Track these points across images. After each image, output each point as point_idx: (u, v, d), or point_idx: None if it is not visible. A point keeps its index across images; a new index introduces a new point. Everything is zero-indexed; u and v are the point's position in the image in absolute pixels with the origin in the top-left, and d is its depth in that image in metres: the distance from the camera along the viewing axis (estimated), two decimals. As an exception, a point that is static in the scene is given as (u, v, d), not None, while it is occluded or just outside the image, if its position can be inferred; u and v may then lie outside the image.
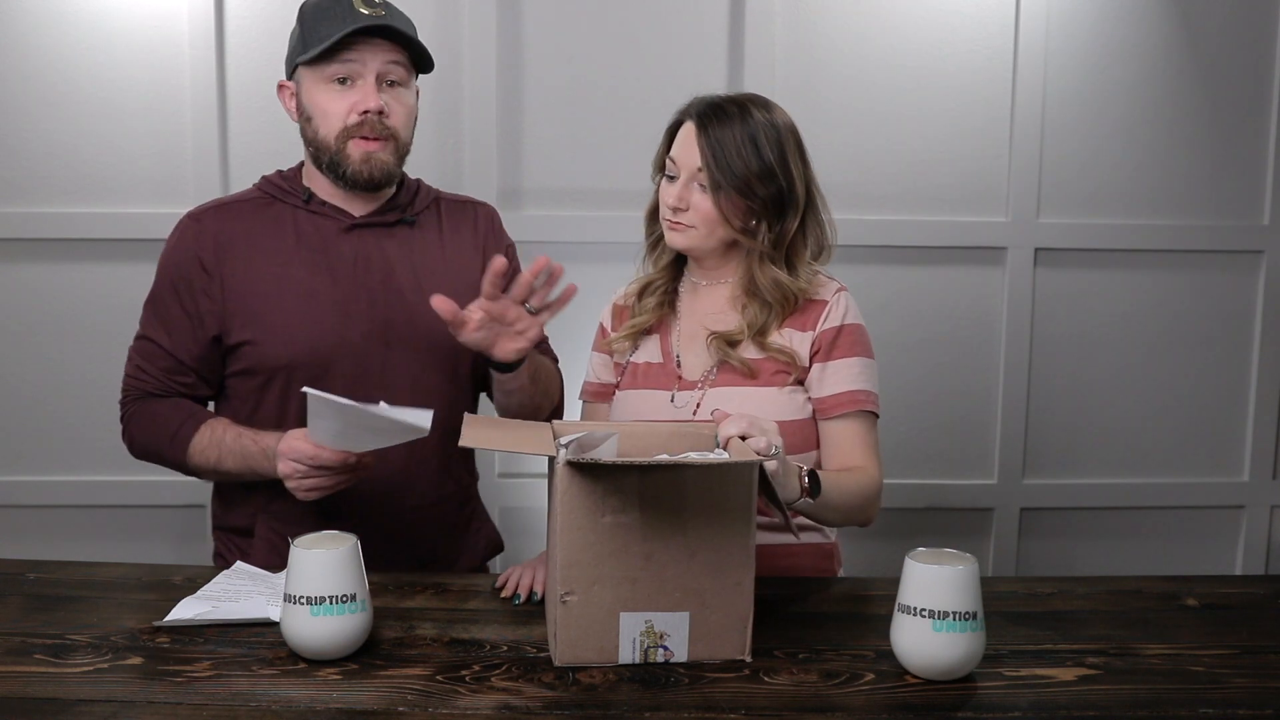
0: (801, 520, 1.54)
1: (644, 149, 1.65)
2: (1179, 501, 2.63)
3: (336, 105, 1.56)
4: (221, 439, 1.56)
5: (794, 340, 1.55)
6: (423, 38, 1.63)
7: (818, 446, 1.56)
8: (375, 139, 1.56)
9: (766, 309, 1.55)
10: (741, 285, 1.58)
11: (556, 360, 1.79)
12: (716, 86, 1.63)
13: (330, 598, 1.18)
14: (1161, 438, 2.61)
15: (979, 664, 1.19)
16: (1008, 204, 2.49)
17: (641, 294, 1.66)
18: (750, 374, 1.54)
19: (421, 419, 1.33)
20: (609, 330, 1.70)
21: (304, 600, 1.18)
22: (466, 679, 1.18)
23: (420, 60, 1.61)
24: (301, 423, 1.48)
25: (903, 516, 2.55)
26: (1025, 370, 2.54)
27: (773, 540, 1.53)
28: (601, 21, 2.41)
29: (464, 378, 1.68)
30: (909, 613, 1.17)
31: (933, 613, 1.15)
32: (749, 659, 1.22)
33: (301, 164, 1.67)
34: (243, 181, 2.39)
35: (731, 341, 1.55)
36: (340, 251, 1.61)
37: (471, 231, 1.72)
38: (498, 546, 1.84)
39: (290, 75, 1.62)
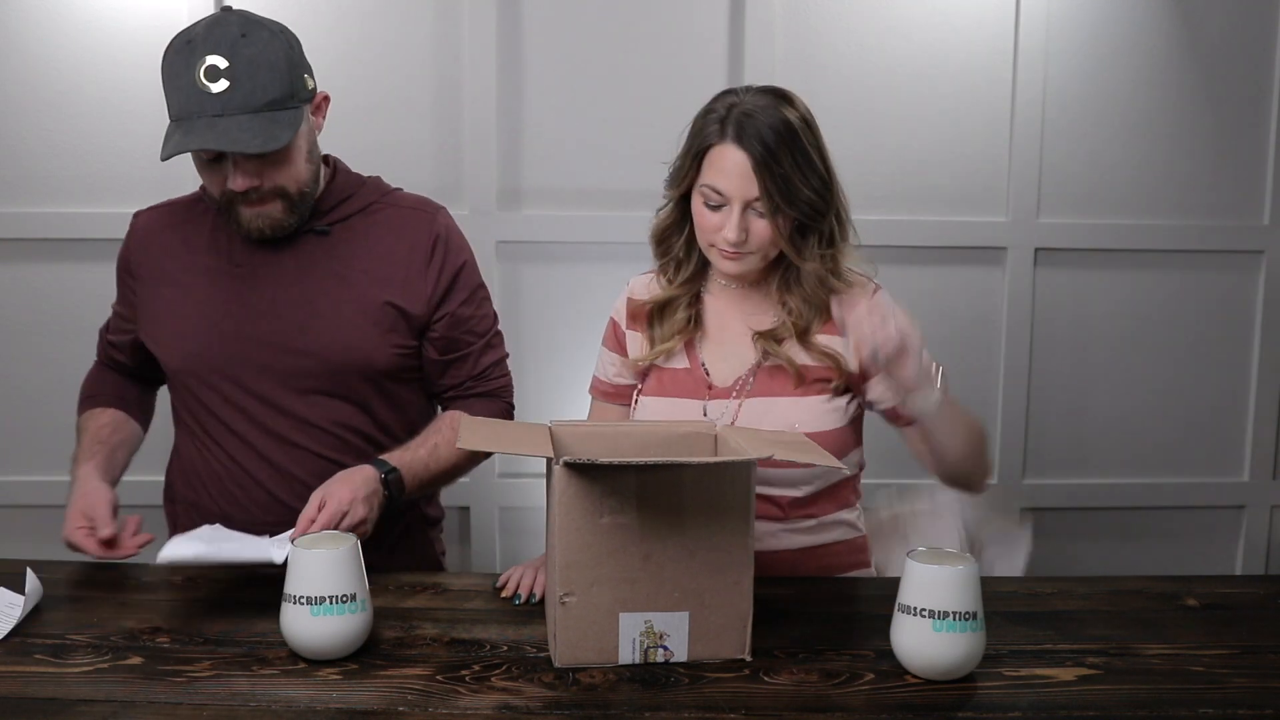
0: (837, 516, 1.55)
1: (644, 149, 1.65)
2: (1179, 501, 2.63)
3: (210, 179, 1.51)
4: (80, 430, 1.66)
5: (836, 344, 1.50)
6: (422, 38, 1.62)
7: (857, 445, 1.56)
8: (256, 204, 1.49)
9: (809, 305, 1.50)
10: (777, 282, 1.53)
11: (506, 387, 1.73)
12: (716, 86, 1.61)
13: (330, 598, 1.18)
14: (1161, 438, 2.61)
15: (979, 664, 1.19)
16: (1008, 204, 2.49)
17: (662, 311, 1.57)
18: (798, 376, 1.49)
19: (273, 552, 1.35)
20: (622, 327, 1.62)
21: (304, 600, 1.18)
22: (466, 679, 1.18)
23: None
24: (212, 436, 1.60)
25: (903, 516, 2.55)
26: (1025, 370, 2.54)
27: (806, 542, 1.54)
28: (602, 22, 2.41)
29: (373, 400, 1.61)
30: (909, 613, 1.17)
31: (933, 613, 1.15)
32: (749, 659, 1.22)
33: None
34: (243, 181, 2.41)
35: (777, 338, 1.51)
36: (244, 261, 1.57)
37: (401, 247, 1.60)
38: (434, 566, 1.78)
39: None
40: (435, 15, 2.36)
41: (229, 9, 1.50)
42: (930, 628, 1.15)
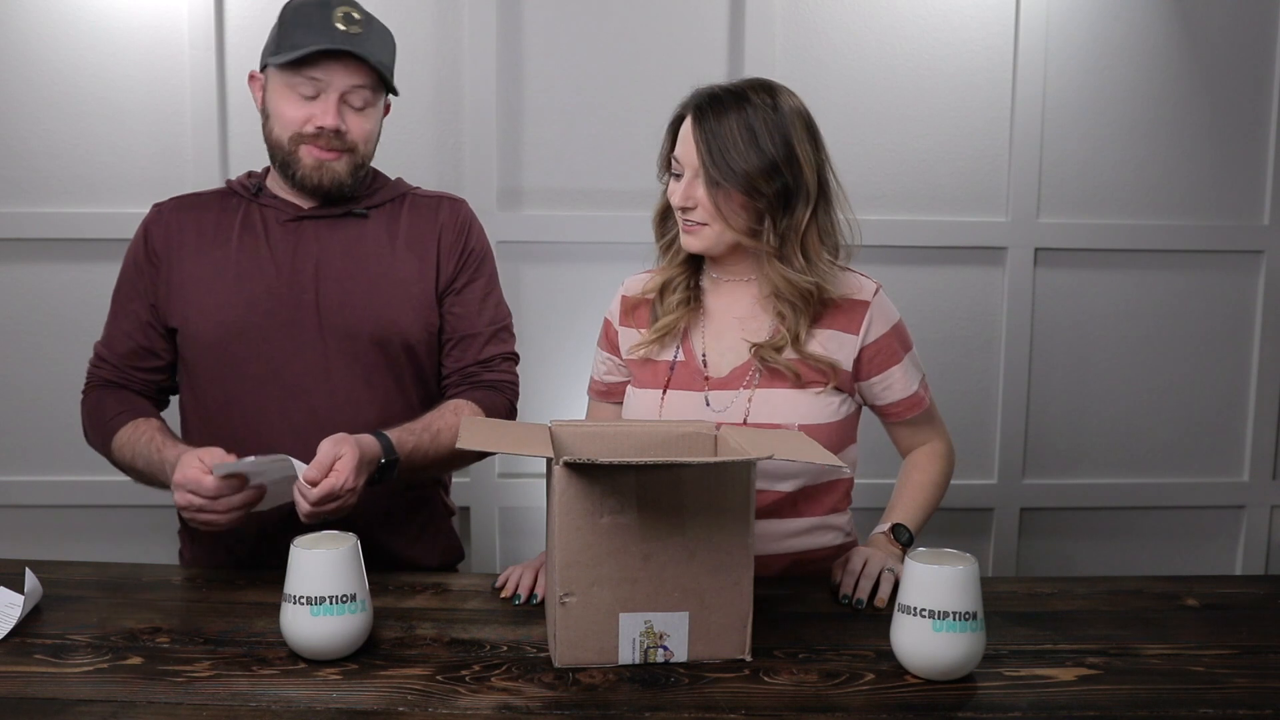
0: (826, 520, 1.59)
1: (644, 149, 1.65)
2: (1179, 501, 2.63)
3: (295, 113, 1.58)
4: (137, 440, 1.56)
5: (835, 343, 1.52)
6: (422, 38, 1.63)
7: (852, 442, 1.58)
8: (330, 150, 1.58)
9: (795, 311, 1.50)
10: (769, 285, 1.52)
11: (508, 383, 1.73)
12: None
13: (330, 598, 1.18)
14: (1161, 438, 2.61)
15: (979, 664, 1.19)
16: (1008, 204, 2.49)
17: (662, 292, 1.59)
18: (796, 378, 1.50)
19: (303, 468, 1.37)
20: (615, 325, 1.64)
21: (304, 600, 1.18)
22: (466, 679, 1.18)
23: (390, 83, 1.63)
24: (237, 410, 1.58)
25: (903, 516, 2.55)
26: (1025, 370, 2.54)
27: (796, 546, 1.55)
28: (601, 22, 2.41)
29: (406, 373, 1.66)
30: (909, 613, 1.17)
31: (933, 613, 1.15)
32: (749, 659, 1.22)
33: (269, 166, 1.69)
34: (243, 181, 2.41)
35: (775, 347, 1.50)
36: (280, 240, 1.63)
37: (431, 227, 1.69)
38: (457, 555, 1.82)
39: (262, 69, 1.63)
40: (435, 15, 2.36)
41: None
42: (930, 628, 1.15)
